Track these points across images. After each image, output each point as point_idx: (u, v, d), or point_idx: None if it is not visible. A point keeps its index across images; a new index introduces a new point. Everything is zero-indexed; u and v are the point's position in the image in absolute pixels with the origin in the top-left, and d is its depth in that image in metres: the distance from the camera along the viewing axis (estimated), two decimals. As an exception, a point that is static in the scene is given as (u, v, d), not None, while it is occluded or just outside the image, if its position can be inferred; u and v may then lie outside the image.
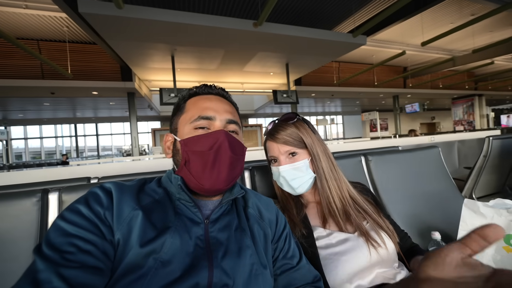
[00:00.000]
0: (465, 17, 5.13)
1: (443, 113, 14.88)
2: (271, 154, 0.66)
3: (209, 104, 0.47)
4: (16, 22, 4.26)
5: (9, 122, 9.59)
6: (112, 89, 5.56)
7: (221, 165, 0.43)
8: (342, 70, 7.80)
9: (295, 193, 0.65)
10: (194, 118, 0.45)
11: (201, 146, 0.43)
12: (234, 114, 0.49)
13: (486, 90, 10.51)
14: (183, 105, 0.49)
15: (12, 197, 0.58)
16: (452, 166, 2.44)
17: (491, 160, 1.60)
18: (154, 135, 10.05)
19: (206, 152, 0.43)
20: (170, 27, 3.41)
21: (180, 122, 0.48)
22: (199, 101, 0.48)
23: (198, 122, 0.45)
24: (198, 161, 0.43)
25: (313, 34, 4.09)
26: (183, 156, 0.44)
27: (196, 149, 0.43)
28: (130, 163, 1.55)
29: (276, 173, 0.66)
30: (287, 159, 0.64)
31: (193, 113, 0.46)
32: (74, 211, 0.37)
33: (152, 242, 0.38)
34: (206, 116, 0.45)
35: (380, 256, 0.56)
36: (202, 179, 0.43)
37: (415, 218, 0.99)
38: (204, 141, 0.43)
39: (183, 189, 0.43)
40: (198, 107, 0.47)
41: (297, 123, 0.66)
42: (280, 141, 0.63)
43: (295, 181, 0.63)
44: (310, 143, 0.64)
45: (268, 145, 0.67)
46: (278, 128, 0.66)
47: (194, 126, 0.45)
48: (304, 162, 0.63)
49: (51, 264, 0.31)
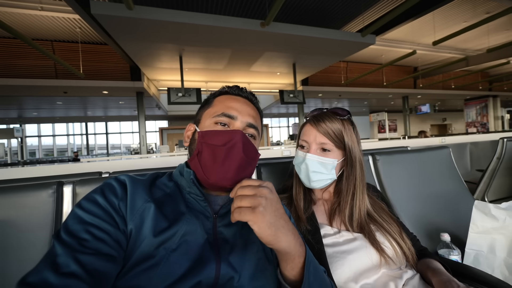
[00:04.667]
0: (479, 15, 4.97)
1: (455, 115, 14.43)
2: (305, 138, 0.64)
3: (235, 104, 0.49)
4: (32, 23, 4.42)
5: (24, 120, 9.96)
6: (121, 88, 5.70)
7: (230, 164, 0.43)
8: (350, 70, 7.70)
9: (309, 185, 0.64)
10: (217, 114, 0.47)
11: (216, 141, 0.44)
12: (256, 119, 0.50)
13: (501, 91, 10.13)
14: (212, 100, 0.51)
15: (29, 189, 0.61)
16: (464, 169, 2.37)
17: (505, 162, 1.54)
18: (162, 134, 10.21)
19: (219, 147, 0.44)
20: (178, 27, 3.47)
21: (205, 115, 0.50)
22: (227, 100, 0.50)
23: (220, 118, 0.47)
24: (209, 154, 0.44)
25: (321, 33, 4.06)
26: (198, 146, 0.46)
27: (211, 142, 0.44)
28: (138, 160, 1.58)
29: (300, 158, 0.64)
30: (318, 150, 0.62)
31: (218, 109, 0.48)
32: (91, 200, 0.39)
33: (165, 232, 0.39)
34: (229, 114, 0.47)
35: (387, 257, 0.55)
36: (209, 172, 0.44)
37: (424, 219, 0.97)
38: (220, 136, 0.45)
39: (194, 183, 0.44)
40: (224, 105, 0.48)
41: (345, 122, 0.63)
42: (322, 130, 0.61)
43: (315, 175, 0.62)
44: (350, 147, 0.61)
45: (307, 128, 0.64)
46: (325, 117, 0.62)
47: (215, 121, 0.47)
48: (333, 162, 0.61)
49: (69, 249, 0.33)
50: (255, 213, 0.33)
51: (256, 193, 0.35)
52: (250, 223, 0.33)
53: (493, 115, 10.24)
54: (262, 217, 0.33)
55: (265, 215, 0.34)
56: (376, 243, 0.55)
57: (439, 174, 1.12)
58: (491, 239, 0.75)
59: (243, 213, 0.33)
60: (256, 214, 0.33)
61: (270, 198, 0.36)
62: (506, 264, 0.72)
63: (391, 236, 0.58)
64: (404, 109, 9.31)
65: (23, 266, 0.54)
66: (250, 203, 0.34)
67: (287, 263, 0.38)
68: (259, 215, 0.33)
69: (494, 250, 0.74)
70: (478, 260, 0.76)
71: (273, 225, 0.34)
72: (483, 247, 0.76)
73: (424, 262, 0.59)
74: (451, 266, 0.58)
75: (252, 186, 0.36)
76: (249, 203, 0.34)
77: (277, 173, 0.86)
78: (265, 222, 0.33)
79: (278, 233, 0.35)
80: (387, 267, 0.55)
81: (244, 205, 0.34)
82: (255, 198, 0.35)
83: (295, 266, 0.38)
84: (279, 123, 15.01)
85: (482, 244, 0.76)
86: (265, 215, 0.34)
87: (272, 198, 0.36)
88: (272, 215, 0.35)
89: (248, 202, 0.34)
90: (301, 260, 0.38)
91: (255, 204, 0.34)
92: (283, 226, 0.36)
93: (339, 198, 0.64)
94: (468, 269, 0.63)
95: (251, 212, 0.33)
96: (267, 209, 0.34)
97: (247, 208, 0.34)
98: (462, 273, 0.61)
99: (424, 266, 0.58)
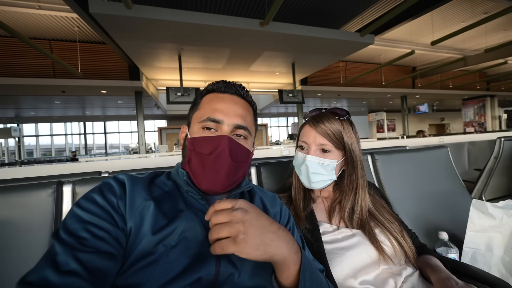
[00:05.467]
0: (477, 16, 4.99)
1: (453, 114, 14.51)
2: (304, 139, 0.63)
3: (221, 105, 0.46)
4: (30, 22, 4.39)
5: (21, 120, 9.90)
6: (120, 88, 5.67)
7: (219, 171, 0.44)
8: (349, 70, 7.71)
9: (310, 187, 0.65)
10: (203, 119, 0.45)
11: (203, 149, 0.44)
12: (245, 118, 0.48)
13: (498, 91, 10.18)
14: (199, 101, 0.50)
15: (29, 189, 0.61)
16: (461, 168, 2.38)
17: (502, 161, 1.56)
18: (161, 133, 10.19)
19: (206, 156, 0.44)
20: (177, 26, 3.46)
21: (193, 118, 0.49)
22: (212, 100, 0.48)
23: (206, 123, 0.45)
24: (198, 162, 0.45)
25: (320, 33, 4.06)
26: (188, 153, 0.46)
27: (198, 150, 0.45)
28: (137, 160, 1.58)
29: (300, 160, 0.64)
30: (317, 151, 0.62)
31: (204, 112, 0.46)
32: (89, 199, 0.39)
33: (164, 229, 0.39)
34: (215, 118, 0.45)
35: (386, 253, 0.55)
36: (200, 179, 0.45)
37: (422, 218, 0.97)
38: (207, 144, 0.44)
39: (189, 184, 0.45)
40: (210, 107, 0.46)
41: (344, 122, 0.62)
42: (321, 131, 0.60)
43: (315, 176, 0.62)
44: (350, 146, 0.61)
45: (306, 130, 0.64)
46: (324, 117, 0.62)
47: (202, 126, 0.46)
48: (332, 163, 0.61)
49: (68, 248, 0.33)
50: (237, 243, 0.31)
51: (231, 219, 0.33)
52: (236, 253, 0.31)
53: (491, 114, 10.30)
54: (246, 244, 0.32)
55: (248, 241, 0.32)
56: (376, 242, 0.56)
57: (437, 173, 1.12)
58: (488, 237, 0.76)
59: (225, 247, 0.31)
60: (239, 244, 0.31)
61: (247, 219, 0.33)
62: (503, 262, 0.73)
63: (392, 235, 0.58)
64: (403, 108, 9.35)
65: (23, 266, 0.54)
66: (228, 232, 0.32)
67: (282, 272, 0.37)
68: (242, 244, 0.31)
69: (491, 248, 0.75)
70: (475, 258, 0.77)
71: (260, 244, 0.33)
72: (481, 245, 0.77)
73: (423, 259, 0.59)
74: (449, 264, 0.59)
75: (226, 210, 0.34)
76: (227, 233, 0.32)
77: (277, 173, 0.86)
78: (250, 247, 0.32)
79: (269, 248, 0.33)
80: (386, 264, 0.55)
81: (223, 235, 0.32)
82: (231, 225, 0.32)
83: (290, 274, 0.37)
84: (278, 123, 15.03)
85: (479, 242, 0.77)
86: (248, 241, 0.32)
87: (249, 218, 0.34)
88: (255, 236, 0.33)
89: (226, 232, 0.32)
90: (296, 268, 0.37)
91: (234, 233, 0.32)
92: (272, 239, 0.34)
93: (340, 196, 0.65)
94: (466, 267, 0.63)
95: (233, 244, 0.31)
96: (248, 233, 0.32)
97: (227, 239, 0.32)
98: (460, 271, 0.62)
99: (423, 263, 0.58)
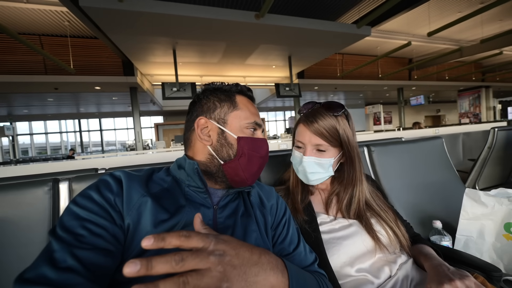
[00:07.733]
0: (473, 6, 4.96)
1: (449, 106, 14.62)
2: (300, 139, 0.62)
3: (255, 111, 0.53)
4: (17, 17, 4.25)
5: (14, 118, 9.71)
6: (114, 84, 5.57)
7: (261, 169, 0.52)
8: (346, 63, 7.67)
9: (308, 183, 0.65)
10: (250, 121, 0.50)
11: (258, 150, 0.50)
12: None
13: (493, 82, 10.26)
14: (235, 100, 0.51)
15: (25, 186, 0.61)
16: (456, 159, 2.42)
17: (495, 151, 1.59)
18: (157, 130, 10.11)
19: (261, 157, 0.51)
20: (171, 19, 3.38)
21: (232, 116, 0.49)
22: (248, 104, 0.52)
23: (253, 125, 0.51)
24: (253, 161, 0.49)
25: (316, 25, 4.02)
26: (240, 151, 0.48)
27: (254, 151, 0.50)
28: (134, 156, 1.57)
29: (297, 159, 0.64)
30: (313, 151, 0.61)
31: (248, 115, 0.50)
32: (86, 196, 0.39)
33: (166, 222, 0.40)
34: (260, 124, 0.52)
35: (381, 242, 0.57)
36: (249, 175, 0.49)
37: (417, 207, 0.99)
38: (261, 146, 0.51)
39: (199, 174, 0.44)
40: (251, 111, 0.51)
41: (339, 118, 0.60)
42: (315, 131, 0.59)
43: (313, 175, 0.62)
44: (346, 141, 0.60)
45: (300, 129, 0.63)
46: (317, 114, 0.60)
47: (247, 127, 0.50)
48: (329, 161, 0.61)
49: (65, 245, 0.33)
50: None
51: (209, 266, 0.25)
52: None
53: (486, 105, 10.40)
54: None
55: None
56: (372, 232, 0.57)
57: (432, 164, 1.14)
58: (480, 225, 0.78)
59: None
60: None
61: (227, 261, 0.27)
62: (494, 248, 0.75)
63: (387, 224, 0.60)
64: (399, 101, 9.38)
65: (20, 264, 0.54)
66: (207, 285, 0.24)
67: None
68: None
69: (483, 235, 0.77)
70: (468, 245, 0.79)
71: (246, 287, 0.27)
72: (473, 232, 0.79)
73: (417, 248, 0.61)
74: (443, 252, 0.60)
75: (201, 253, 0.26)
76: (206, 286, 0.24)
77: (274, 166, 0.87)
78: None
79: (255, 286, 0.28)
80: (381, 253, 0.57)
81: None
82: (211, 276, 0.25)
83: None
84: (276, 117, 14.99)
85: (472, 230, 0.79)
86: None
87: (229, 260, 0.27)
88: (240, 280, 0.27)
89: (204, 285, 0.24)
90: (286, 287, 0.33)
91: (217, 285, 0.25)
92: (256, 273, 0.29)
93: (338, 188, 0.66)
94: (459, 253, 0.66)
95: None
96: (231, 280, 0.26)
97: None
98: (453, 258, 0.64)
99: (417, 252, 0.60)
